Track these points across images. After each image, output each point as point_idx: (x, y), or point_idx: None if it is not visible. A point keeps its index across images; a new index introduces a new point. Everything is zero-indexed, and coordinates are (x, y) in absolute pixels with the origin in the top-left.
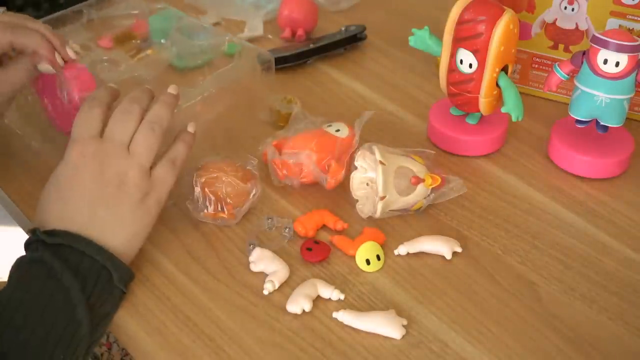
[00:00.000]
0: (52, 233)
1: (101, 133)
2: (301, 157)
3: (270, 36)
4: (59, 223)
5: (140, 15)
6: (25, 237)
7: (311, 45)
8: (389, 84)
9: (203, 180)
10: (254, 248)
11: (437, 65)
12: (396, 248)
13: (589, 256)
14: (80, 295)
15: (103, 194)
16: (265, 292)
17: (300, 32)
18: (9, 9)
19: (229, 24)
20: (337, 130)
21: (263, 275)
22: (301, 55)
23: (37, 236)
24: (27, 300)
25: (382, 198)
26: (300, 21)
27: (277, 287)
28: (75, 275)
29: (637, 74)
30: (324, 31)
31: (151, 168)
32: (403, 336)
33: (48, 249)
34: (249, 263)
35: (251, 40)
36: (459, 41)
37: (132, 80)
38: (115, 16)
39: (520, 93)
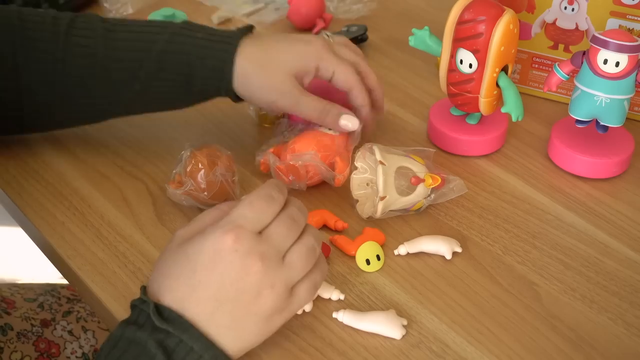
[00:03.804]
0: (165, 316)
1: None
2: (307, 159)
3: None
4: (177, 304)
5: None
6: (25, 237)
7: None
8: (389, 84)
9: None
10: None
11: (437, 65)
12: (396, 248)
13: (589, 256)
14: None
15: (238, 299)
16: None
17: (320, 23)
18: None
19: (236, 23)
20: (329, 129)
21: None
22: None
23: (146, 306)
24: None
25: (382, 198)
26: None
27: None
28: None
29: (637, 74)
30: (326, 30)
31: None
32: (403, 336)
33: (154, 334)
34: None
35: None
36: (459, 41)
37: None
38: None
39: (520, 93)
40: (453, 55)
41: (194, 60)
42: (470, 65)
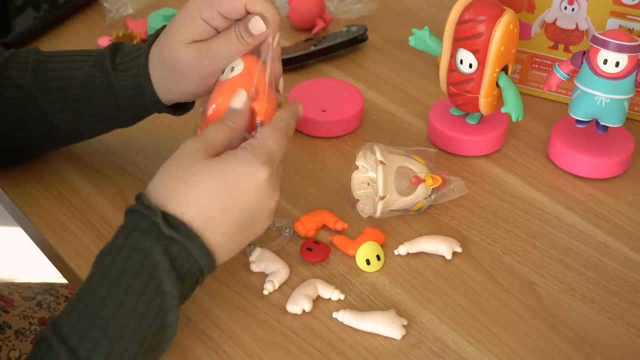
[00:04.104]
0: (171, 223)
1: None
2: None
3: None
4: (187, 211)
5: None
6: (25, 237)
7: (312, 47)
8: (389, 84)
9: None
10: (254, 248)
11: (437, 65)
12: (396, 248)
13: (589, 256)
14: (175, 302)
15: (251, 224)
16: (265, 292)
17: (320, 23)
18: (9, 9)
19: None
20: (232, 69)
21: (263, 275)
22: (303, 57)
23: (150, 212)
24: (119, 298)
25: (382, 198)
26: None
27: (277, 287)
28: (176, 278)
29: (637, 74)
30: (326, 30)
31: None
32: (403, 336)
33: (160, 242)
34: (249, 263)
35: None
36: (459, 41)
37: None
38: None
39: (520, 93)
40: (453, 55)
41: (114, 82)
42: (470, 65)
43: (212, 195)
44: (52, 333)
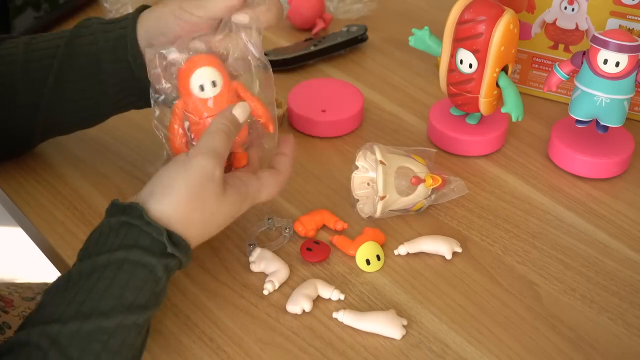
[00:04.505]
0: (173, 240)
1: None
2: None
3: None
4: (189, 232)
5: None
6: (25, 237)
7: (312, 47)
8: (389, 84)
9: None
10: (254, 248)
11: (437, 65)
12: (396, 248)
13: (589, 256)
14: (162, 300)
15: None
16: (265, 292)
17: (320, 23)
18: (8, 9)
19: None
20: (214, 85)
21: (263, 275)
22: (303, 57)
23: (153, 229)
24: (119, 314)
25: (382, 198)
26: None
27: (277, 287)
28: (167, 278)
29: (637, 74)
30: (326, 30)
31: None
32: (403, 336)
33: (162, 259)
34: (249, 263)
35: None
36: (459, 41)
37: None
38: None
39: (520, 93)
40: (453, 55)
41: (100, 36)
42: (470, 65)
43: (214, 216)
44: (49, 344)
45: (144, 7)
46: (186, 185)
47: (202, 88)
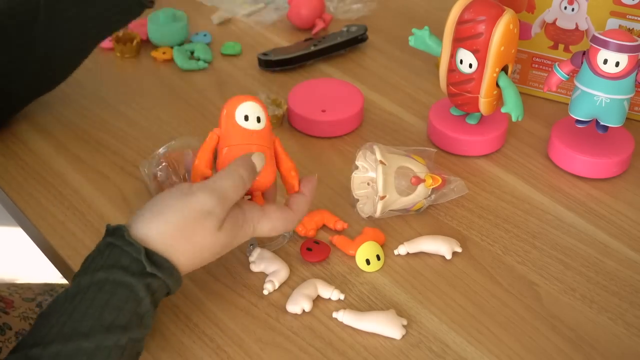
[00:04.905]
0: (153, 260)
1: None
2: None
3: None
4: (175, 256)
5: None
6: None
7: (312, 47)
8: (389, 84)
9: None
10: (254, 248)
11: (437, 65)
12: (396, 248)
13: (589, 256)
14: (149, 330)
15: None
16: (265, 292)
17: (320, 23)
18: None
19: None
20: (258, 120)
21: (263, 275)
22: (303, 57)
23: (133, 249)
24: (99, 334)
25: (382, 198)
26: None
27: (277, 287)
28: (151, 302)
29: (637, 74)
30: (326, 30)
31: None
32: (403, 336)
33: (143, 279)
34: (249, 263)
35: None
36: (459, 41)
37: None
38: None
39: (520, 93)
40: (453, 55)
41: None
42: (470, 65)
43: (206, 248)
44: None
45: None
46: (181, 215)
47: (246, 118)
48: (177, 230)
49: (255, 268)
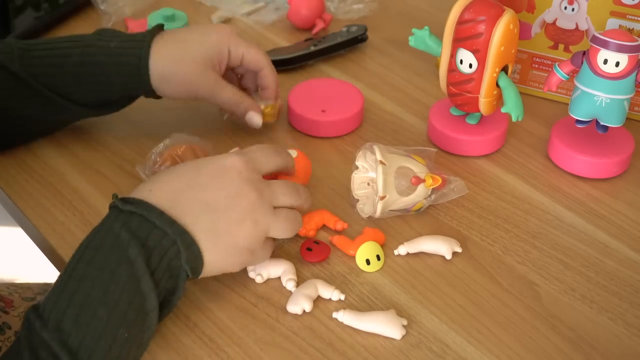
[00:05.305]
0: (128, 200)
1: None
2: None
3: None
4: (168, 199)
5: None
6: (25, 237)
7: (312, 47)
8: (389, 84)
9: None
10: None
11: (437, 65)
12: (396, 248)
13: (589, 256)
14: (144, 267)
15: (224, 213)
16: (289, 288)
17: (320, 23)
18: (9, 9)
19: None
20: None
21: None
22: (303, 57)
23: (142, 208)
24: (90, 274)
25: (382, 198)
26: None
27: (296, 283)
28: (141, 246)
29: (637, 74)
30: (326, 30)
31: None
32: (403, 336)
33: (120, 217)
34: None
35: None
36: (459, 41)
37: None
38: None
39: (520, 93)
40: (453, 55)
41: (109, 68)
42: (470, 65)
43: (180, 178)
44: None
45: (159, 29)
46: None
47: None
48: (174, 178)
49: (260, 280)
